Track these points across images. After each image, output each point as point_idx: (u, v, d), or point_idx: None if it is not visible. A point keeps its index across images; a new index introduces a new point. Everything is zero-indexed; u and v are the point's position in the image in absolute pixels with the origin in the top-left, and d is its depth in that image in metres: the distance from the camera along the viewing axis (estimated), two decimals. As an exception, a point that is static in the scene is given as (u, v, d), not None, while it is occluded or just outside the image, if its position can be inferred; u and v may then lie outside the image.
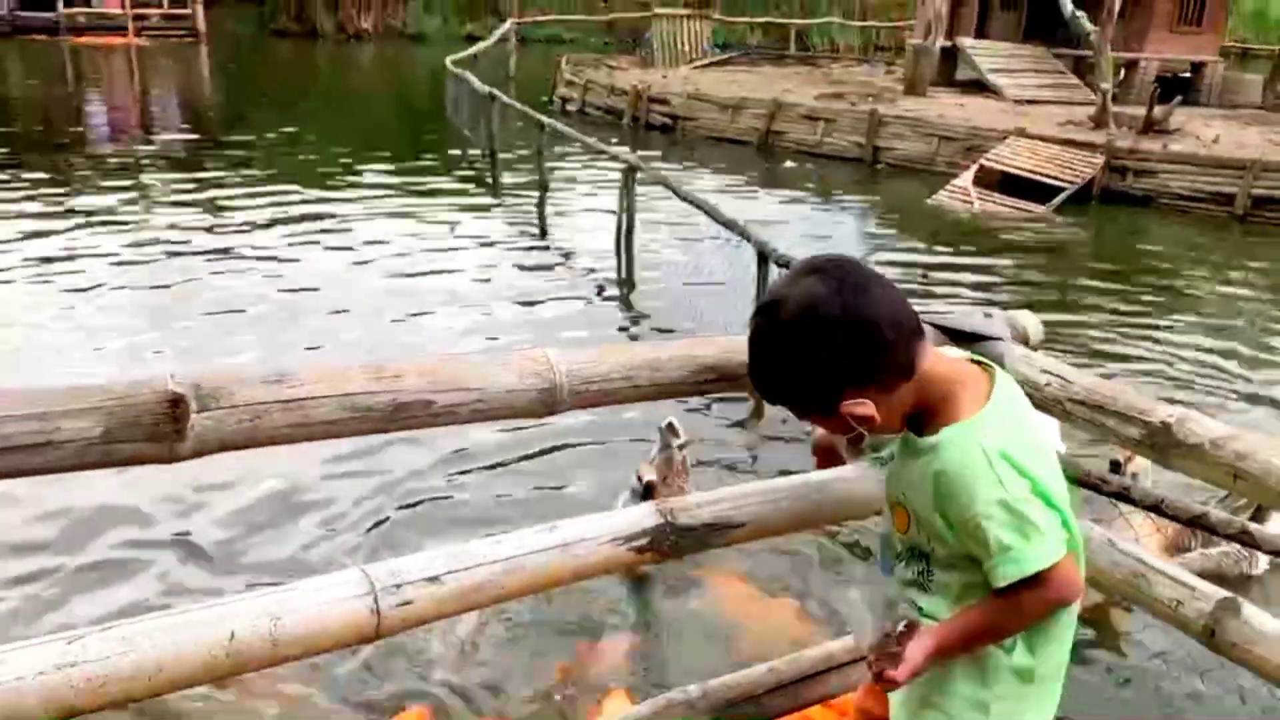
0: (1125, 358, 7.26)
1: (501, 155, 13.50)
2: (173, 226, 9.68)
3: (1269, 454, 1.56)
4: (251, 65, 28.10)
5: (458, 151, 15.00)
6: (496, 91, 13.14)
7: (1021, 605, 1.40)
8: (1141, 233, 11.86)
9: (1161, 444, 1.70)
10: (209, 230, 9.65)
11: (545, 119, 11.17)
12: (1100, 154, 12.73)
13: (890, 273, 7.85)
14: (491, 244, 9.81)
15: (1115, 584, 1.83)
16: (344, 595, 1.51)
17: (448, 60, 17.65)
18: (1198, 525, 1.90)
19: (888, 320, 1.38)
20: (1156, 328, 8.08)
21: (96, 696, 1.33)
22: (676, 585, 4.02)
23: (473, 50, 19.93)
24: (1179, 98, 14.99)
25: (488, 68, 18.90)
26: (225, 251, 8.91)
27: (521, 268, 9.05)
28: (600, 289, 8.53)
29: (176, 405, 1.34)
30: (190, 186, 11.64)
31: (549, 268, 9.20)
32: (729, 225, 6.47)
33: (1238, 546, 3.93)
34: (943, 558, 1.48)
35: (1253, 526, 1.84)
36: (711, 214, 6.76)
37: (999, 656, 1.47)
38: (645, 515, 1.81)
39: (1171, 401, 1.81)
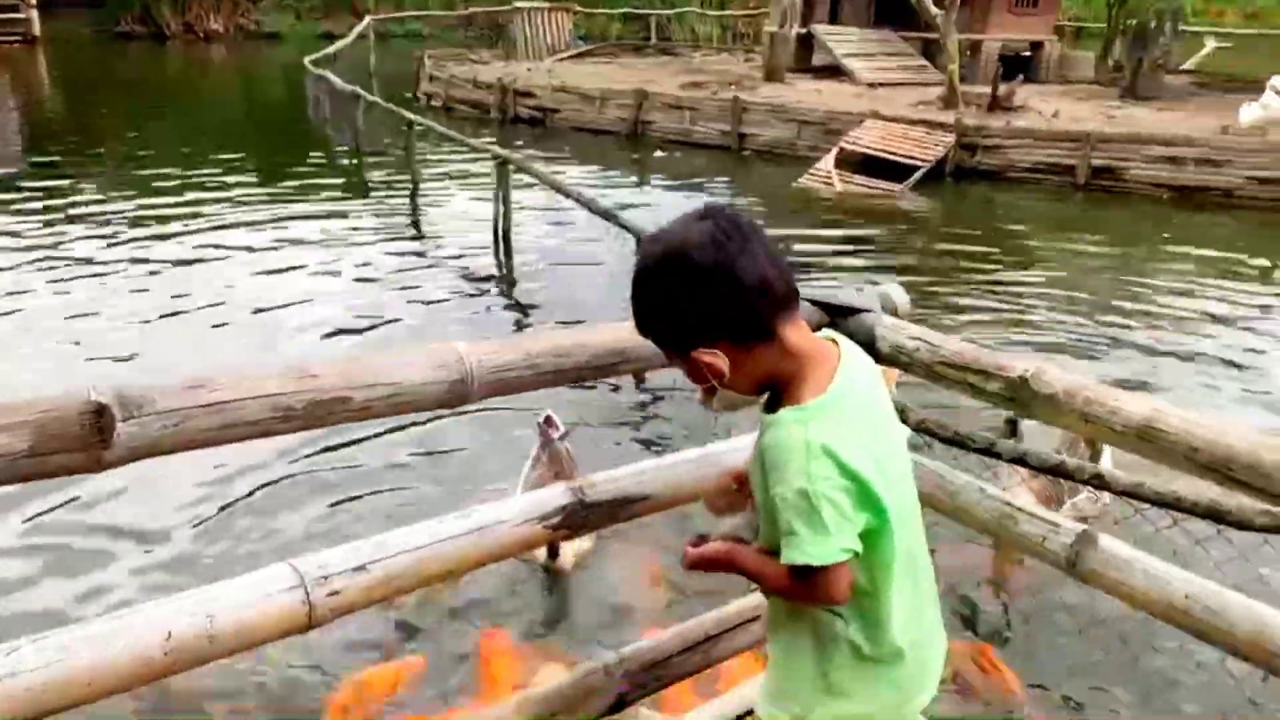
0: (983, 313, 7.88)
1: (368, 155, 13.31)
2: (11, 235, 9.26)
3: (1114, 400, 1.75)
4: (94, 70, 26.81)
5: (321, 153, 14.70)
6: (360, 90, 12.97)
7: (791, 583, 1.46)
8: (993, 204, 12.50)
9: (1022, 396, 1.89)
10: (53, 246, 9.24)
11: (412, 116, 11.10)
12: (951, 133, 13.31)
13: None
14: (367, 243, 9.69)
15: (986, 524, 2.02)
16: (276, 589, 1.57)
17: (306, 60, 17.28)
18: (1056, 473, 2.10)
19: (754, 280, 1.40)
20: (1012, 287, 8.69)
21: (36, 706, 1.36)
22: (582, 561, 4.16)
23: (331, 49, 19.52)
24: (1020, 76, 15.78)
25: (347, 66, 18.53)
26: (86, 261, 8.60)
27: (400, 266, 8.96)
28: (481, 284, 8.54)
29: (100, 415, 1.37)
30: (32, 203, 11.07)
31: (428, 264, 9.15)
32: (605, 215, 6.59)
33: (1107, 498, 4.26)
34: (761, 518, 1.55)
35: (1104, 469, 2.05)
36: (587, 205, 6.86)
37: (836, 628, 1.53)
38: (557, 495, 1.90)
39: (1033, 350, 1.98)
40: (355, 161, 13.37)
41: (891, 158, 12.83)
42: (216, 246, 9.28)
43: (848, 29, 20.63)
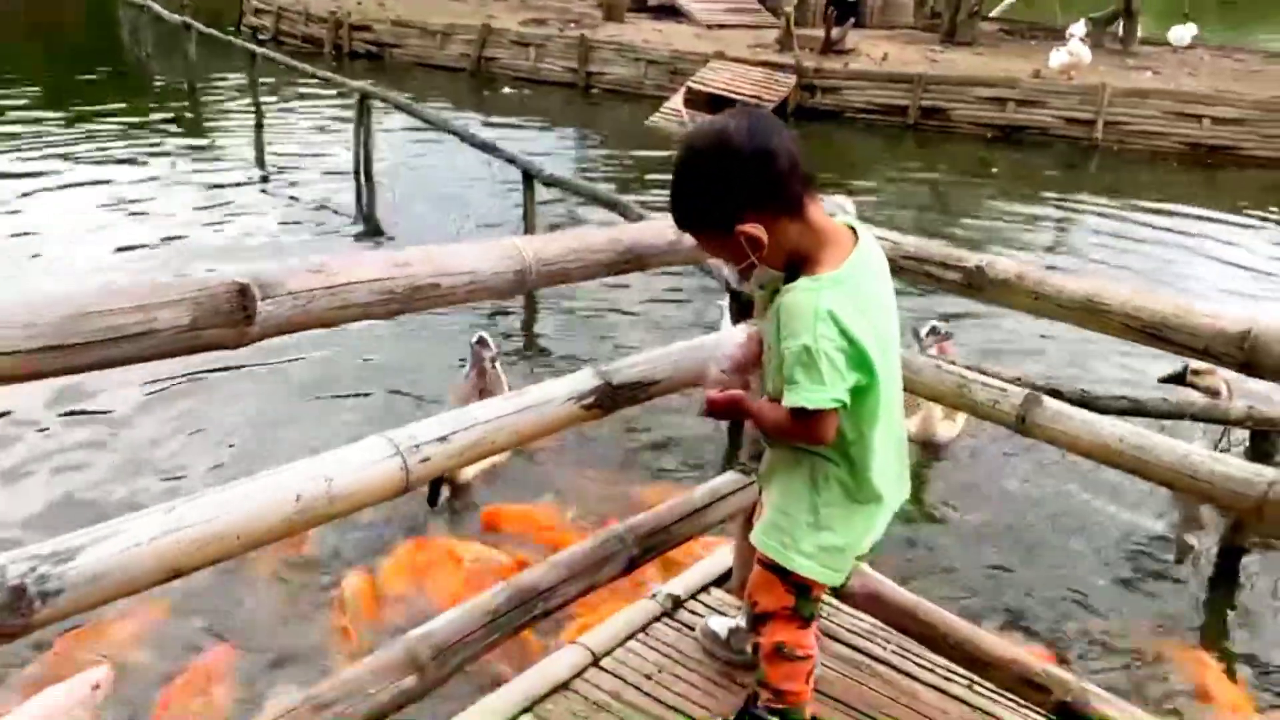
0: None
1: (200, 91, 12.72)
2: None
3: (1059, 280, 2.10)
4: None
5: (143, 91, 13.85)
6: (192, 20, 12.33)
7: (788, 424, 1.72)
8: (833, 142, 13.11)
9: (978, 283, 2.21)
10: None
11: (256, 48, 10.70)
12: (792, 74, 13.84)
13: (620, 184, 8.41)
14: (216, 185, 9.36)
15: (945, 394, 2.36)
16: (378, 457, 1.73)
17: (119, -13, 16.25)
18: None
19: (785, 156, 1.63)
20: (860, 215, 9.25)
21: (199, 557, 1.51)
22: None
23: (144, -26, 18.32)
24: (852, 19, 16.46)
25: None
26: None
27: (250, 208, 8.73)
28: (341, 223, 8.43)
29: (244, 295, 1.51)
30: None
31: (281, 204, 8.95)
32: (484, 147, 6.66)
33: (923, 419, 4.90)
34: (770, 370, 1.85)
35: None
36: (466, 138, 6.91)
37: (829, 470, 1.84)
38: (587, 379, 2.12)
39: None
40: (189, 98, 12.72)
41: (738, 96, 13.24)
42: (49, 181, 8.81)
43: (684, -31, 20.85)
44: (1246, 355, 1.83)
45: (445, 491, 4.24)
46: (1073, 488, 4.71)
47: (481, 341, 4.56)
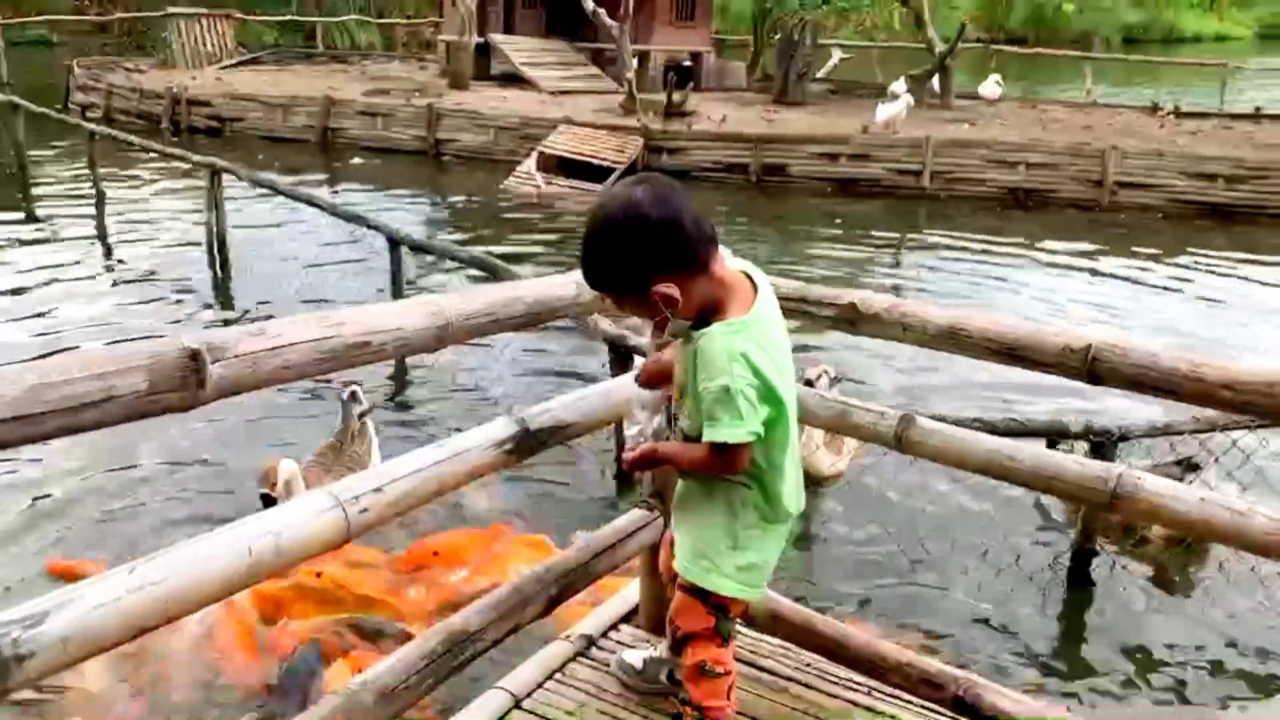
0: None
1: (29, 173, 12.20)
2: None
3: (923, 312, 2.35)
4: None
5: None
6: (20, 99, 11.88)
7: (708, 458, 1.89)
8: (682, 202, 13.54)
9: (852, 318, 2.44)
10: None
11: (96, 126, 10.40)
12: (639, 136, 14.29)
13: (481, 247, 8.52)
14: (50, 274, 8.86)
15: (827, 421, 2.57)
16: (321, 509, 1.81)
17: (-68, 68, 15.49)
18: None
19: (690, 222, 1.81)
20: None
21: (161, 614, 1.55)
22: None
23: (-42, 55, 17.54)
24: (691, 83, 17.13)
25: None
26: None
27: (99, 291, 8.39)
28: (197, 301, 8.22)
29: (195, 359, 1.58)
30: None
31: (132, 286, 8.66)
32: (351, 218, 6.70)
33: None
34: (685, 414, 2.02)
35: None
36: (330, 209, 6.93)
37: (746, 496, 2.01)
38: (505, 426, 2.23)
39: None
40: (19, 183, 12.15)
41: (588, 159, 13.59)
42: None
43: (523, 39, 21.30)
44: (1090, 367, 2.10)
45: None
46: (942, 508, 5.09)
47: (353, 396, 4.59)
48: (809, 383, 4.90)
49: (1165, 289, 10.02)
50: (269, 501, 4.28)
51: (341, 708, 1.97)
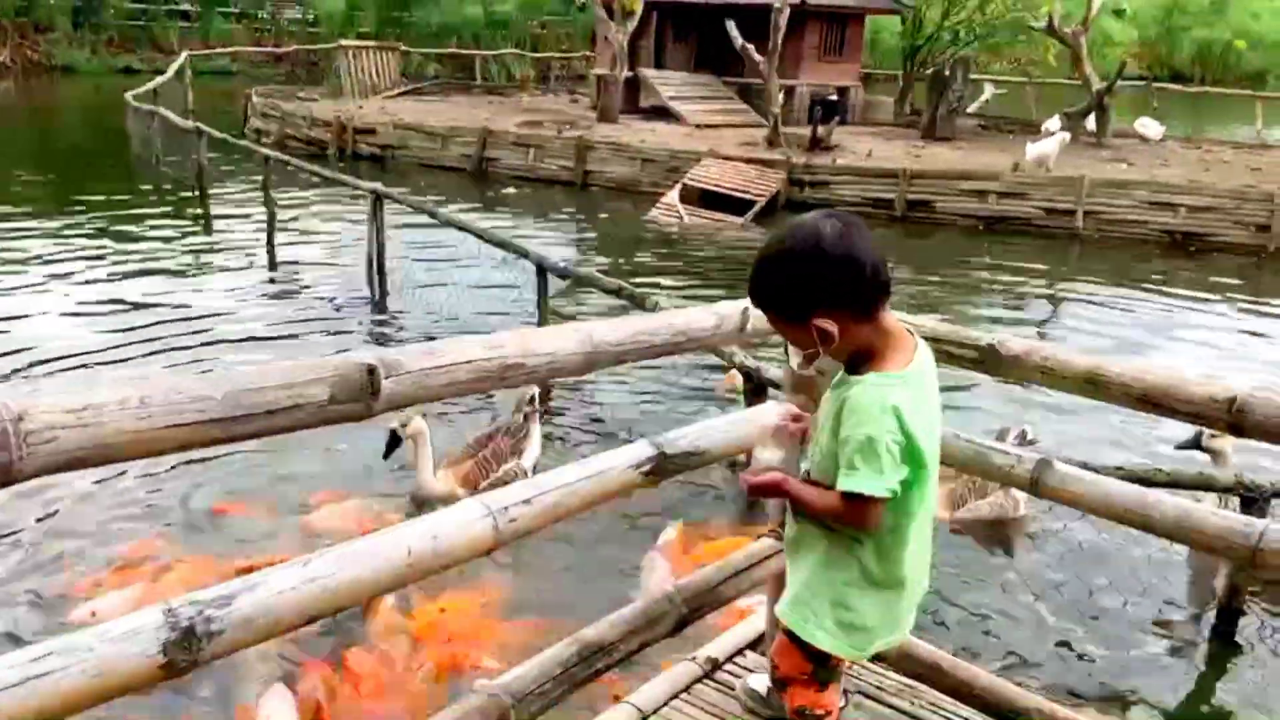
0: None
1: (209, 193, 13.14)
2: None
3: (1064, 355, 2.35)
4: None
5: (155, 194, 14.26)
6: (204, 126, 12.80)
7: (839, 507, 1.85)
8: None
9: (990, 360, 2.45)
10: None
11: (270, 153, 11.14)
12: (781, 170, 14.37)
13: (621, 275, 8.74)
14: (234, 286, 9.59)
15: (966, 461, 2.59)
16: (474, 517, 1.95)
17: (128, 95, 16.81)
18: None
19: (869, 267, 1.79)
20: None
21: (330, 603, 1.71)
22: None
23: (153, 84, 18.96)
24: (837, 118, 17.11)
25: (160, 104, 18.04)
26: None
27: (270, 302, 9.03)
28: (359, 320, 8.69)
29: (372, 374, 1.74)
30: None
31: (299, 298, 9.23)
32: (503, 245, 6.98)
33: (1002, 498, 5.19)
34: (815, 456, 2.01)
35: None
36: (482, 236, 7.24)
37: (854, 548, 1.93)
38: (644, 449, 2.34)
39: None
40: (199, 200, 13.12)
41: (730, 193, 13.72)
42: (65, 283, 9.07)
43: (672, 73, 21.69)
44: (1234, 418, 2.08)
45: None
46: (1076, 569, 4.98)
47: (532, 399, 5.02)
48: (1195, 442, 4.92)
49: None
50: (394, 439, 5.04)
51: (480, 707, 2.11)
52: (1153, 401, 2.20)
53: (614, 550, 4.76)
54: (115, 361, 7.05)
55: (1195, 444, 4.90)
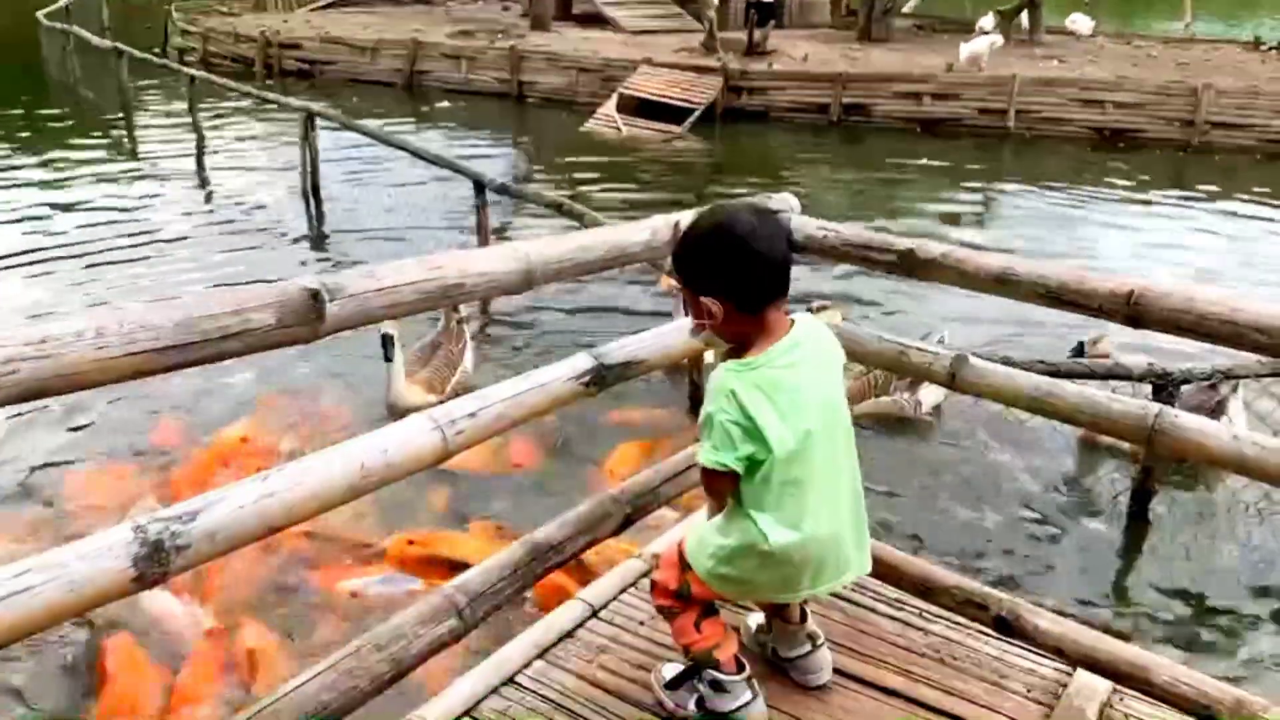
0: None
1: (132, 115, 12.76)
2: None
3: (978, 258, 2.49)
4: None
5: (59, 111, 13.67)
6: (123, 46, 12.38)
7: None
8: (761, 141, 13.59)
9: (908, 264, 2.59)
10: None
11: (196, 71, 10.82)
12: (719, 77, 14.28)
13: (560, 189, 8.77)
14: (166, 219, 9.38)
15: (886, 360, 2.74)
16: (424, 430, 2.05)
17: (40, 15, 16.15)
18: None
19: (764, 271, 1.92)
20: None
21: (289, 516, 1.81)
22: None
23: (63, 1, 18.19)
24: (773, 21, 16.96)
25: (73, 20, 17.31)
26: None
27: (200, 231, 8.84)
28: (295, 241, 8.63)
29: (316, 298, 1.82)
30: None
31: (232, 225, 9.09)
32: (437, 161, 6.95)
33: (905, 397, 5.43)
34: None
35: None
36: (418, 153, 7.18)
37: (741, 517, 2.00)
38: (584, 360, 2.45)
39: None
40: (121, 123, 12.74)
41: (668, 101, 13.64)
42: None
43: (607, -22, 21.22)
44: (1132, 310, 2.23)
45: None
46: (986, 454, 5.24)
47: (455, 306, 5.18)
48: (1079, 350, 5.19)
49: (1260, 232, 9.82)
50: (387, 341, 5.31)
51: (440, 608, 2.24)
52: (1059, 298, 2.34)
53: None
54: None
55: (1079, 354, 5.14)
